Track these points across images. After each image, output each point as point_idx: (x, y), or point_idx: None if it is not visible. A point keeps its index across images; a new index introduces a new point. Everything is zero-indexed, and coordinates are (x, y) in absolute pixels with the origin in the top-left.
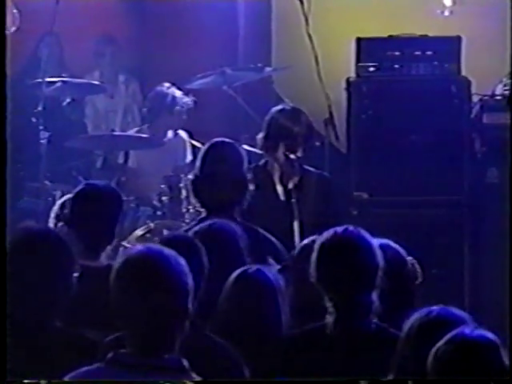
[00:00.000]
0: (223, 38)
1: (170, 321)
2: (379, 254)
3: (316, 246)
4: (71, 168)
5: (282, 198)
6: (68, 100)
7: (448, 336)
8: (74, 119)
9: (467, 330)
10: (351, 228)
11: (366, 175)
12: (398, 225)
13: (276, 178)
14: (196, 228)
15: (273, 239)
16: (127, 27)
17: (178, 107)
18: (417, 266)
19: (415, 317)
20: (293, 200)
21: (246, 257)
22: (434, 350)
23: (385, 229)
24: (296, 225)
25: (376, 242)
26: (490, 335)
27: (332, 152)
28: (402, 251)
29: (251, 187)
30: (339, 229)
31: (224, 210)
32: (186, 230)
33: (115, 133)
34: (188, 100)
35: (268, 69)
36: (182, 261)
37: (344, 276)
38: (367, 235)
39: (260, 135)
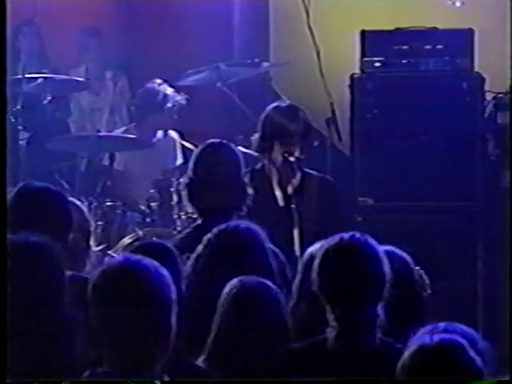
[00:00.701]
0: (217, 31)
1: (149, 337)
2: (387, 263)
3: (319, 252)
4: (53, 171)
5: (281, 203)
6: (49, 98)
7: (410, 349)
8: (57, 119)
9: (427, 339)
10: (358, 235)
11: (372, 179)
12: (405, 232)
13: (274, 182)
14: (214, 230)
15: (273, 248)
16: (115, 18)
17: (169, 105)
18: (425, 276)
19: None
20: (292, 206)
21: (272, 260)
22: (399, 365)
23: (391, 237)
24: (296, 233)
25: (381, 249)
26: (452, 337)
27: (334, 154)
28: (410, 260)
29: (250, 192)
30: (346, 235)
31: (221, 216)
32: (185, 236)
33: (101, 133)
34: (180, 98)
35: (266, 64)
36: (164, 271)
37: (348, 286)
38: (375, 243)
39: (255, 136)
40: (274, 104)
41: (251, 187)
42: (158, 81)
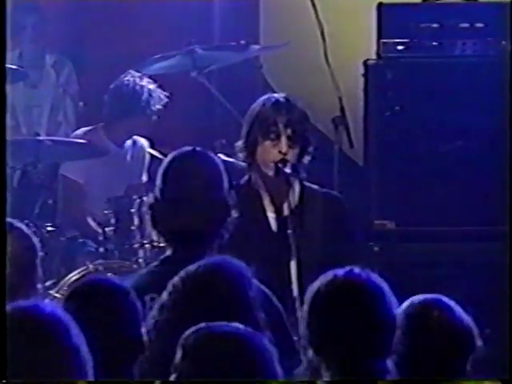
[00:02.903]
0: (192, 4)
1: None
2: (395, 306)
3: (308, 295)
4: None
5: (274, 228)
6: None
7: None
8: None
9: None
10: (357, 270)
11: (392, 197)
12: (434, 264)
13: (265, 201)
14: (181, 273)
15: (262, 288)
16: None
17: (155, 106)
18: (472, 325)
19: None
20: (289, 231)
21: (257, 311)
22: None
23: (417, 270)
24: (293, 266)
25: (419, 298)
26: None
27: (343, 164)
28: (456, 308)
29: (233, 214)
30: (340, 271)
31: (196, 245)
32: (150, 272)
33: (40, 137)
34: (162, 95)
35: (255, 47)
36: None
37: (344, 337)
38: (379, 281)
39: (240, 141)
40: (264, 97)
41: (235, 207)
42: (136, 73)
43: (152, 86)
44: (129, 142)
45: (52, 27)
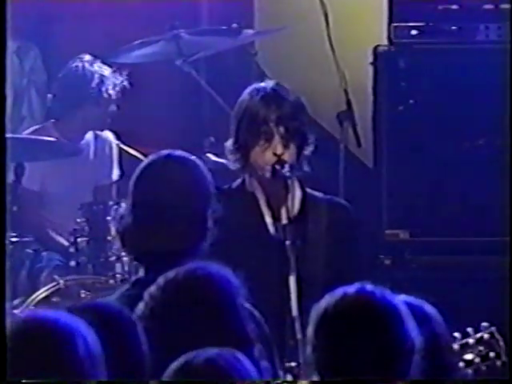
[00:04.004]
0: None
1: None
2: (412, 326)
3: (314, 315)
4: None
5: (272, 236)
6: None
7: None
8: None
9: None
10: (370, 288)
11: (405, 203)
12: (454, 281)
13: (263, 207)
14: (159, 281)
15: (251, 309)
16: None
17: (108, 94)
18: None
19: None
20: (287, 242)
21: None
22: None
23: (433, 285)
24: (292, 281)
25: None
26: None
27: (350, 165)
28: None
29: (218, 229)
30: (351, 288)
31: (171, 266)
32: (121, 296)
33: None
34: (121, 81)
35: (248, 32)
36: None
37: (355, 361)
38: (394, 299)
39: (229, 141)
40: (251, 88)
41: (221, 221)
42: (88, 57)
43: (107, 72)
44: (89, 137)
45: (15, 8)
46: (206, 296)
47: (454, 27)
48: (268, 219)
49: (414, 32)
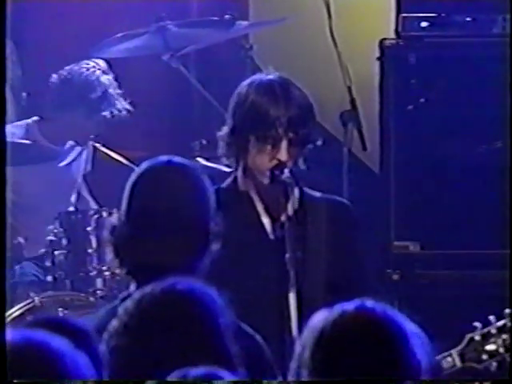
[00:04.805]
0: None
1: None
2: (420, 352)
3: (310, 335)
4: None
5: (272, 235)
6: None
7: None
8: None
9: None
10: (370, 304)
11: (415, 212)
12: (469, 298)
13: (259, 208)
14: (135, 295)
15: (245, 327)
16: None
17: (109, 113)
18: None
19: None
20: (287, 255)
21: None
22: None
23: (447, 305)
24: (292, 297)
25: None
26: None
27: (355, 171)
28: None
29: (218, 243)
30: (349, 305)
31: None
32: (108, 313)
33: None
34: (124, 107)
35: (242, 23)
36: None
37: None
38: (398, 317)
39: (223, 130)
40: (253, 78)
41: (220, 234)
42: (103, 64)
43: (114, 91)
44: (71, 143)
45: None
46: (184, 312)
47: (468, 18)
48: (265, 220)
49: (424, 24)
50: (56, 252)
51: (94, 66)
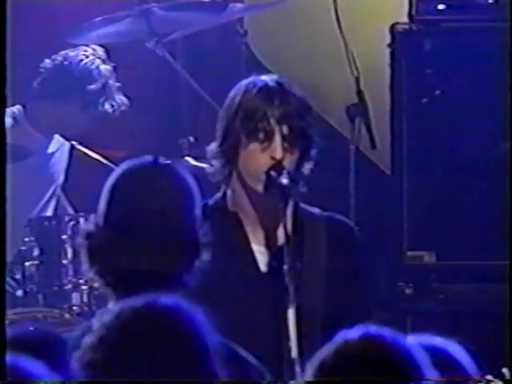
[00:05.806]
0: None
1: None
2: (432, 376)
3: (309, 370)
4: None
5: (263, 266)
6: None
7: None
8: None
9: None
10: (373, 331)
11: (430, 219)
12: (490, 313)
13: (249, 229)
14: (109, 314)
15: (239, 351)
16: None
17: (104, 108)
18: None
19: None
20: (285, 267)
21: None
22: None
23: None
24: (291, 315)
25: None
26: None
27: (363, 171)
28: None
29: (206, 252)
30: (353, 333)
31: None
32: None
33: None
34: (122, 102)
35: (235, 6)
36: None
37: None
38: (407, 343)
39: (214, 142)
40: (248, 80)
41: (208, 243)
42: (101, 52)
43: (113, 84)
44: (57, 137)
45: None
46: (165, 328)
47: (490, 1)
48: (257, 244)
49: (441, 6)
50: (27, 263)
51: (93, 54)
